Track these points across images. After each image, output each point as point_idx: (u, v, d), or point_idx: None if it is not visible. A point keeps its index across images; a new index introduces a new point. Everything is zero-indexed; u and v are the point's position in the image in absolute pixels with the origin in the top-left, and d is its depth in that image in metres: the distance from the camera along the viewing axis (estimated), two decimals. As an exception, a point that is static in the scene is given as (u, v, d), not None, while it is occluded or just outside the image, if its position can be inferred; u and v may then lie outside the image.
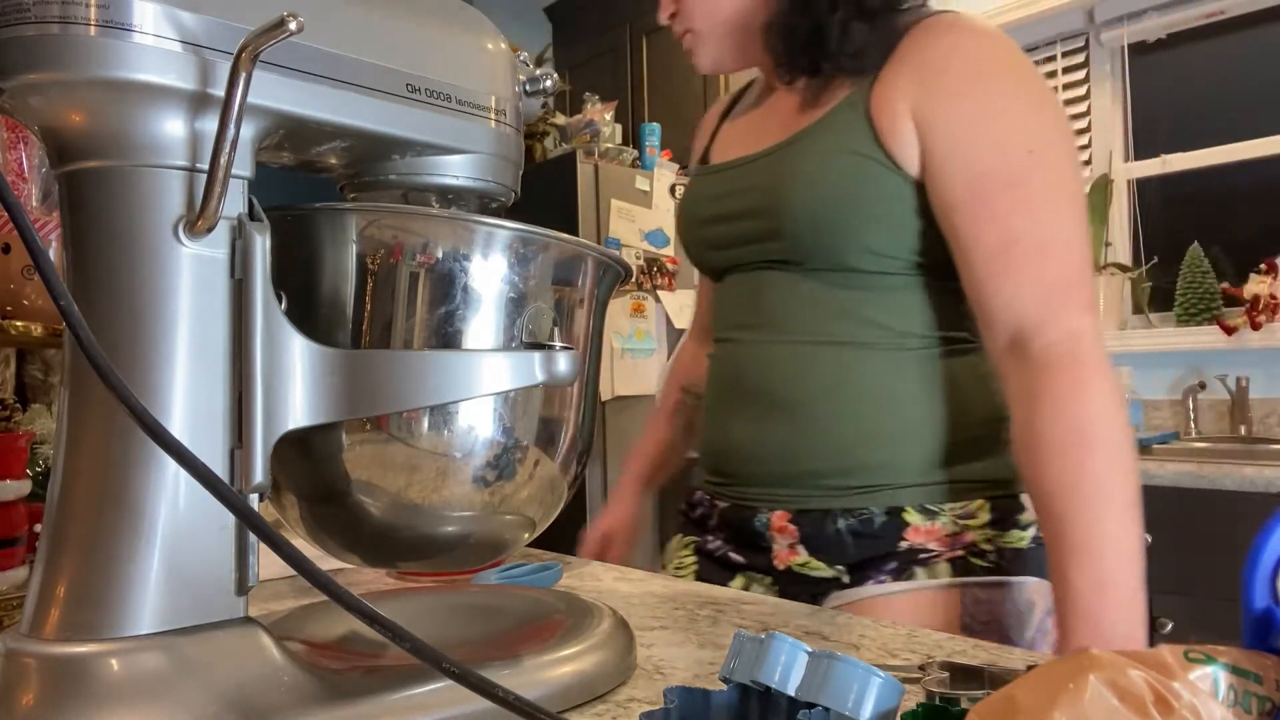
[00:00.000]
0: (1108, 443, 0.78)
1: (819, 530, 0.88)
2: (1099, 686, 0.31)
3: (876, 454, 0.87)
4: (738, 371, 0.94)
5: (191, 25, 0.44)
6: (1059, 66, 2.82)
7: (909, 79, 0.85)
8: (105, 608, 0.43)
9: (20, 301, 0.82)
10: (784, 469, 0.90)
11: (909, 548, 0.86)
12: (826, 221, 0.87)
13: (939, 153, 0.84)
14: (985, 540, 0.87)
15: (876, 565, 0.87)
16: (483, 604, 0.66)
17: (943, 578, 0.85)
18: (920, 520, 0.86)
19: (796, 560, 0.90)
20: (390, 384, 0.49)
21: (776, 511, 0.91)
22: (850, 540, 0.88)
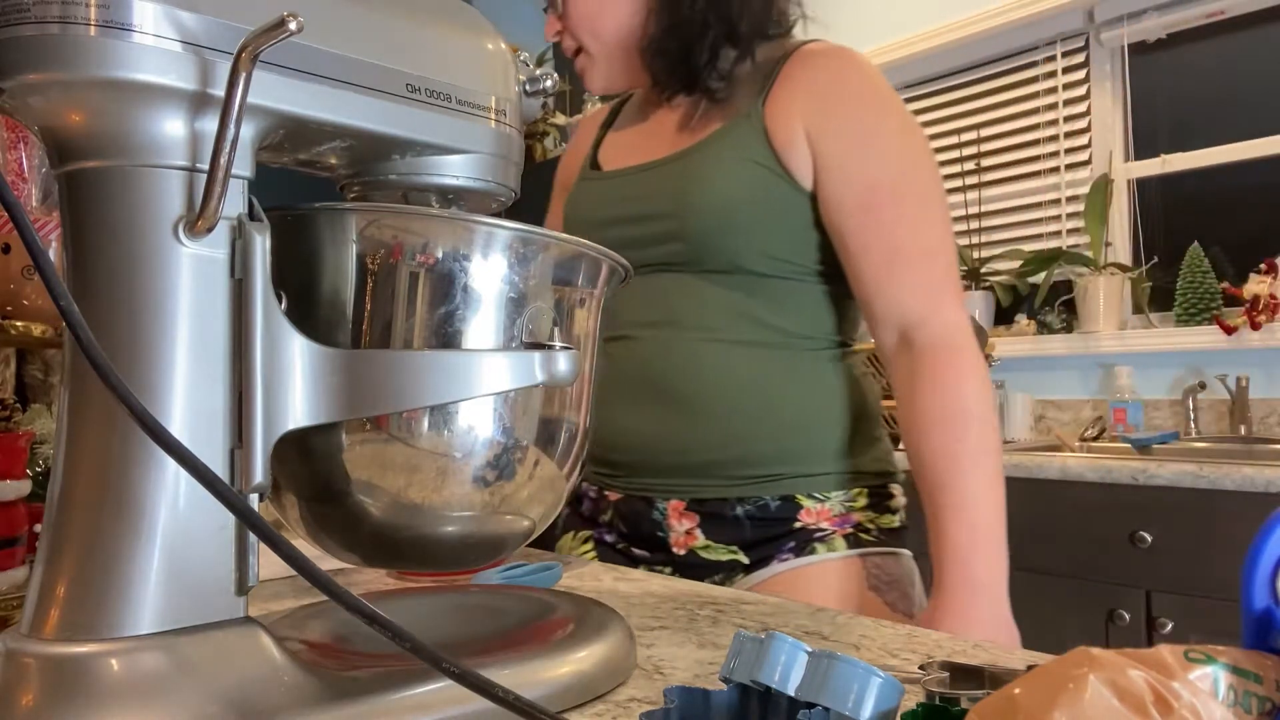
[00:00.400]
0: (980, 417, 0.91)
1: (719, 515, 0.97)
2: (1099, 686, 0.31)
3: (770, 447, 0.97)
4: (637, 367, 0.98)
5: (191, 25, 0.44)
6: (1059, 66, 2.82)
7: (803, 100, 0.95)
8: (105, 608, 0.43)
9: (20, 301, 0.82)
10: (682, 460, 0.97)
11: (803, 527, 0.97)
12: (728, 225, 0.95)
13: (831, 168, 0.94)
14: (868, 521, 0.99)
15: (776, 545, 0.97)
16: (483, 604, 0.66)
17: (841, 550, 0.97)
18: (811, 504, 0.98)
19: (696, 544, 0.99)
20: (390, 384, 0.49)
21: (673, 500, 0.99)
22: (748, 523, 0.97)
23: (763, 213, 0.95)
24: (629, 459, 1.00)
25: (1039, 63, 2.87)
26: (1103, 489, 2.02)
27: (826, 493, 0.98)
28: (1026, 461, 2.14)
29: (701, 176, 0.96)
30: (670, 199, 0.97)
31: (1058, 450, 2.43)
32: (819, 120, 0.94)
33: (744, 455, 0.97)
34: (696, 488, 0.98)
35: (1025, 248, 2.89)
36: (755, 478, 0.97)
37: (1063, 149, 2.83)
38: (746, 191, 0.95)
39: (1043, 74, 2.87)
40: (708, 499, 0.98)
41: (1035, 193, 2.89)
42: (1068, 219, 2.82)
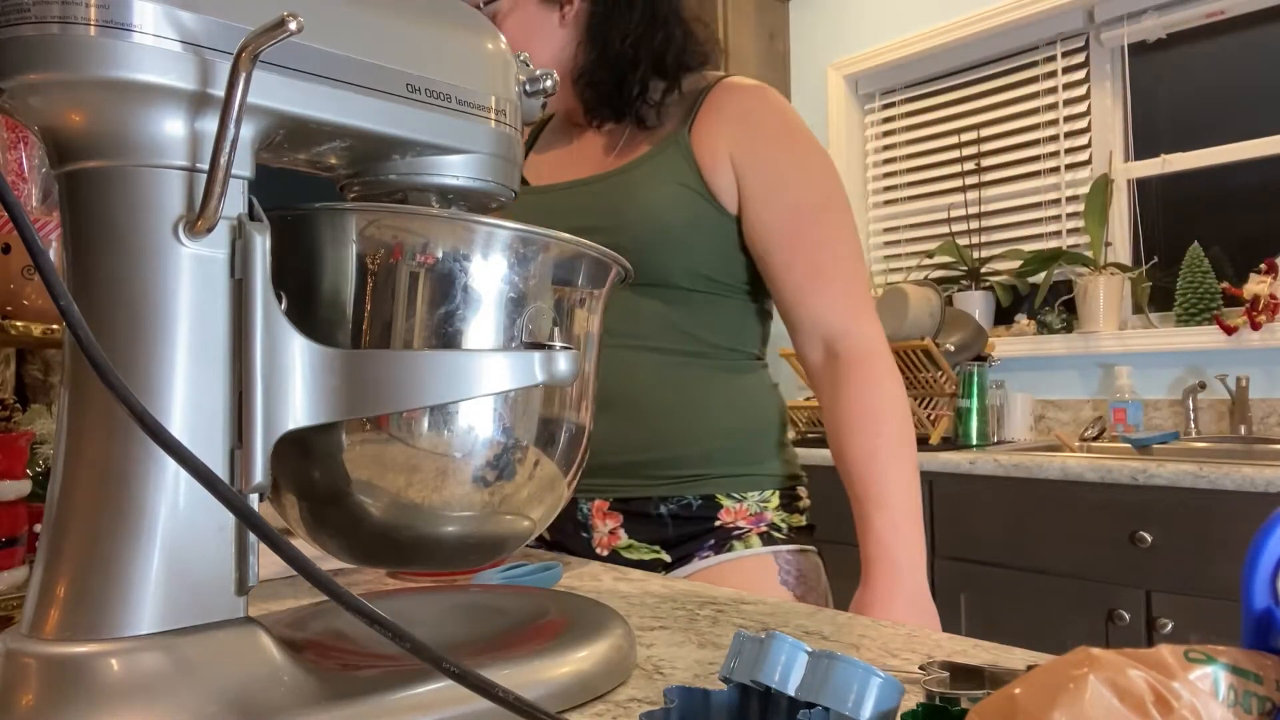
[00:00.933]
0: (896, 417, 1.00)
1: (642, 514, 1.04)
2: (1099, 686, 0.31)
3: (691, 449, 1.04)
4: None
5: (191, 25, 0.44)
6: (1059, 66, 2.83)
7: (729, 129, 1.03)
8: (105, 608, 0.43)
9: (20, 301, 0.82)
10: (607, 461, 1.02)
11: (721, 526, 1.04)
12: (659, 241, 1.02)
13: (757, 194, 1.03)
14: (780, 520, 1.07)
15: (697, 543, 1.04)
16: (483, 604, 0.66)
17: (756, 547, 1.04)
18: (730, 504, 1.05)
19: (619, 544, 1.05)
20: (390, 384, 0.49)
21: (597, 500, 1.05)
22: (670, 522, 1.04)
23: (691, 232, 1.03)
24: None
25: (1039, 63, 2.87)
26: (1103, 489, 2.02)
27: (744, 493, 1.06)
28: (1026, 461, 2.14)
29: (635, 194, 1.03)
30: (604, 214, 1.03)
31: (1058, 450, 2.43)
32: (744, 149, 1.03)
33: (668, 457, 1.03)
34: (621, 488, 1.04)
35: (1025, 248, 2.89)
36: (678, 478, 1.04)
37: (1063, 149, 2.83)
38: (676, 211, 1.02)
39: (1043, 74, 2.87)
40: (631, 499, 1.04)
41: (1035, 193, 2.89)
42: (1068, 219, 2.82)
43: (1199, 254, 2.50)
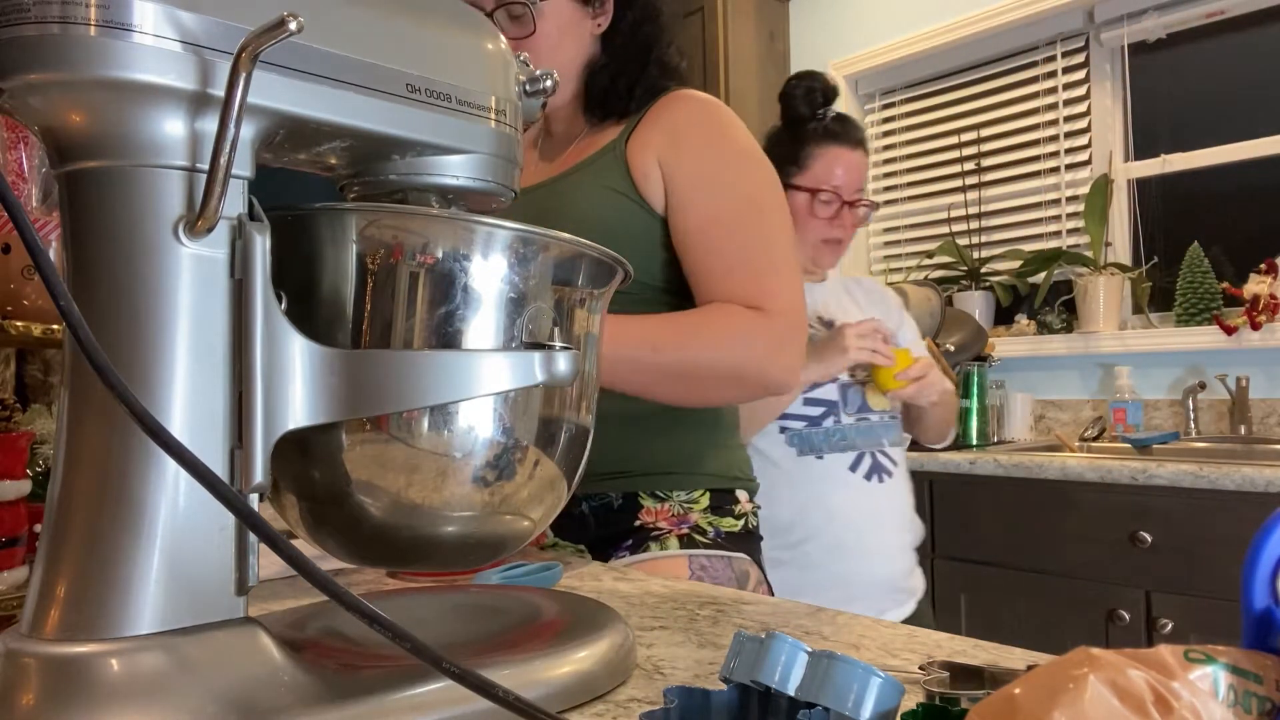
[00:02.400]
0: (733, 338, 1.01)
1: (566, 512, 1.04)
2: (1099, 686, 0.31)
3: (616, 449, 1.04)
4: None
5: (191, 25, 0.44)
6: (1059, 66, 2.82)
7: (659, 136, 1.06)
8: (105, 608, 0.43)
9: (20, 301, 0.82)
10: None
11: (641, 525, 1.06)
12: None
13: (680, 194, 1.05)
14: (706, 522, 1.08)
15: (615, 542, 1.06)
16: (483, 604, 0.66)
17: (672, 549, 1.06)
18: (652, 504, 1.07)
19: (545, 542, 1.08)
20: (390, 384, 0.49)
21: None
22: (592, 521, 1.07)
23: (619, 236, 1.03)
24: None
25: (1039, 63, 2.87)
26: (1102, 489, 2.02)
27: (668, 491, 1.07)
28: (1026, 461, 2.14)
29: (571, 199, 1.07)
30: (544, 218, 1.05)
31: (1058, 450, 2.43)
32: (670, 154, 1.06)
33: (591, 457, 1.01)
34: None
35: (1025, 248, 2.89)
36: (600, 475, 1.05)
37: (1063, 149, 2.83)
38: (604, 215, 1.05)
39: (1043, 74, 2.86)
40: None
41: (1035, 193, 2.89)
42: (1068, 219, 2.82)
43: (1199, 254, 2.50)
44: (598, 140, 1.12)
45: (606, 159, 1.08)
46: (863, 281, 1.87)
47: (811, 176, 1.67)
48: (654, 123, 1.08)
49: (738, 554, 1.08)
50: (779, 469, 1.55)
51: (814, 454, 1.56)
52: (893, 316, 1.77)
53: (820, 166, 1.68)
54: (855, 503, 1.54)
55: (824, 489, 1.54)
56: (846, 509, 1.53)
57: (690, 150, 1.05)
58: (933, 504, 2.28)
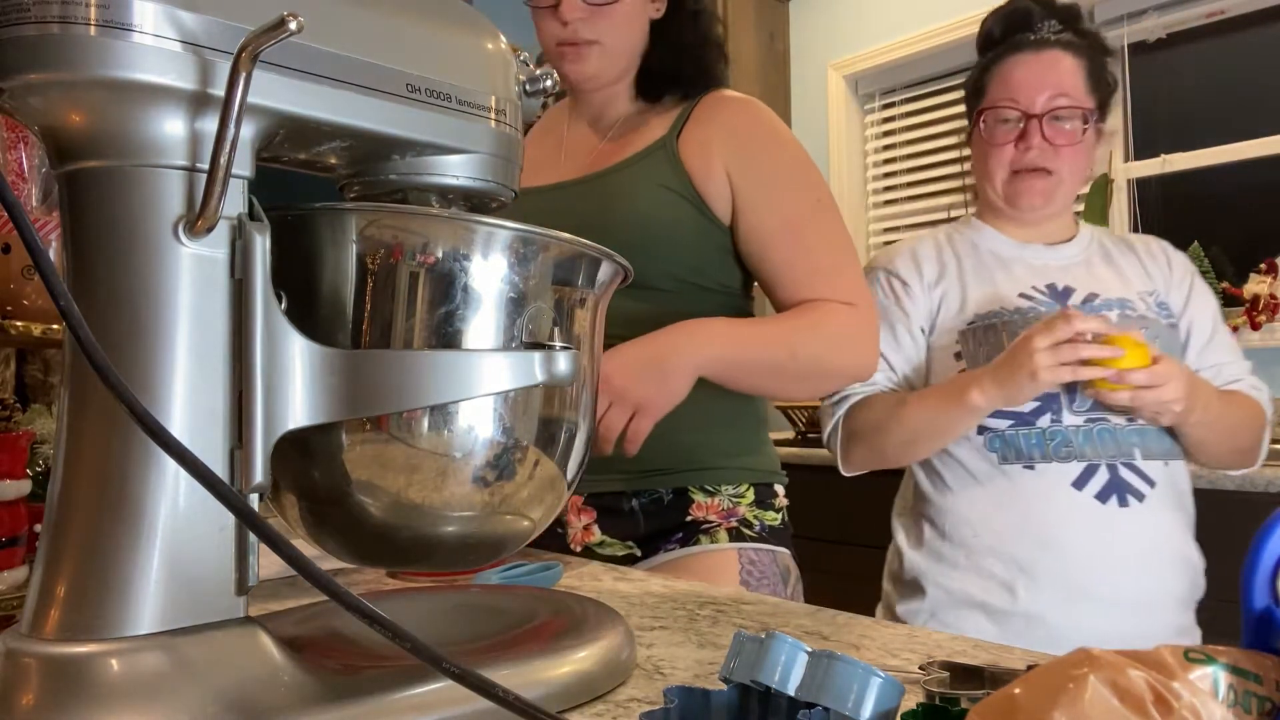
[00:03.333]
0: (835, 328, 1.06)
1: (615, 509, 1.06)
2: (1099, 686, 0.31)
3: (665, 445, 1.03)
4: None
5: (191, 25, 0.44)
6: (1059, 66, 2.82)
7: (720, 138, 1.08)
8: (105, 608, 0.43)
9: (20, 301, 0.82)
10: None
11: (693, 520, 1.06)
12: (642, 243, 1.04)
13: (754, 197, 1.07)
14: (752, 515, 1.09)
15: (665, 536, 1.06)
16: (483, 604, 0.66)
17: (723, 542, 1.06)
18: (702, 498, 1.07)
19: (592, 540, 1.07)
20: (390, 384, 0.49)
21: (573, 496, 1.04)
22: (642, 518, 1.07)
23: (673, 234, 1.07)
24: None
25: (1039, 63, 2.87)
26: (1103, 489, 2.01)
27: (717, 486, 1.08)
28: (1026, 461, 2.13)
29: (621, 195, 1.07)
30: (595, 215, 1.07)
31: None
32: (738, 161, 1.08)
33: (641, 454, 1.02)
34: (593, 483, 1.06)
35: (1025, 248, 2.89)
36: (649, 471, 1.06)
37: (1063, 149, 2.82)
38: (661, 214, 1.06)
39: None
40: (604, 494, 1.06)
41: (1035, 193, 2.89)
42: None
43: (1199, 254, 2.49)
44: (641, 134, 1.12)
45: (657, 156, 1.08)
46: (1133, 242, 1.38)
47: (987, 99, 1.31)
48: (708, 123, 1.09)
49: (780, 548, 1.11)
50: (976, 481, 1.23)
51: (1022, 462, 1.20)
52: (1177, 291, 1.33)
53: (995, 82, 1.31)
54: (1082, 531, 1.16)
55: (1036, 509, 1.18)
56: (1068, 540, 1.16)
57: (759, 153, 1.08)
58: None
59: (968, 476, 1.24)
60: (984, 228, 1.37)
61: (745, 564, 1.06)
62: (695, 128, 1.10)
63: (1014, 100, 1.28)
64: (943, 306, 1.34)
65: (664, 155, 1.08)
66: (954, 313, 1.32)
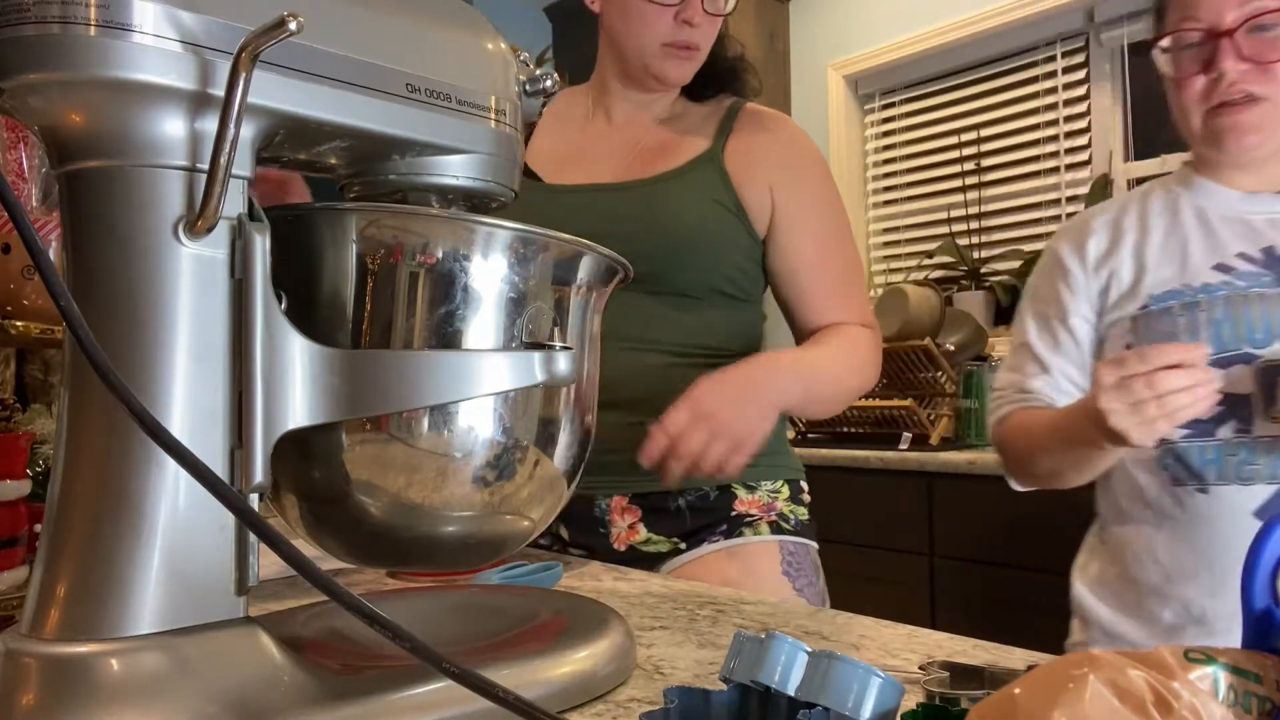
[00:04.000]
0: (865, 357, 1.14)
1: (662, 509, 1.08)
2: (1099, 686, 0.31)
3: None
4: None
5: (191, 25, 0.44)
6: (1059, 66, 2.82)
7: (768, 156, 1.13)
8: (105, 608, 0.43)
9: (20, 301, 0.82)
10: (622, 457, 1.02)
11: (736, 515, 1.10)
12: (687, 252, 1.09)
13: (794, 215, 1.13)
14: (789, 510, 1.13)
15: (709, 529, 1.09)
16: (483, 604, 0.66)
17: (764, 534, 1.10)
18: (745, 494, 1.11)
19: (637, 539, 1.09)
20: (390, 384, 0.49)
21: (616, 496, 1.08)
22: (689, 514, 1.09)
23: (718, 246, 1.11)
24: None
25: (1039, 63, 2.87)
26: (1103, 489, 2.01)
27: (757, 482, 1.12)
28: (1027, 461, 2.13)
29: (672, 205, 1.09)
30: (641, 221, 1.08)
31: (1058, 450, 2.42)
32: (783, 181, 1.13)
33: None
34: (640, 483, 1.08)
35: (1025, 248, 2.89)
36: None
37: (1063, 149, 2.83)
38: (709, 226, 1.10)
39: (1043, 74, 2.86)
40: (650, 493, 1.08)
41: (1035, 193, 2.89)
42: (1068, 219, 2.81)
43: (1199, 254, 2.49)
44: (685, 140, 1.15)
45: (706, 169, 1.12)
46: None
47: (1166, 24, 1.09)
48: (755, 139, 1.14)
49: (812, 542, 1.15)
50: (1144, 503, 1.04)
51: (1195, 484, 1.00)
52: None
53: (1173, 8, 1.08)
54: None
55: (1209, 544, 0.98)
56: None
57: (801, 173, 1.15)
58: (932, 504, 2.27)
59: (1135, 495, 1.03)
60: (1198, 180, 1.15)
61: (785, 555, 1.10)
62: (740, 141, 1.14)
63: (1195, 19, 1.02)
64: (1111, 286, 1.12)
65: (713, 168, 1.12)
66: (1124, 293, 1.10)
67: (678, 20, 1.09)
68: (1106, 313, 1.12)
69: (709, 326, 1.12)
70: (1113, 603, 1.11)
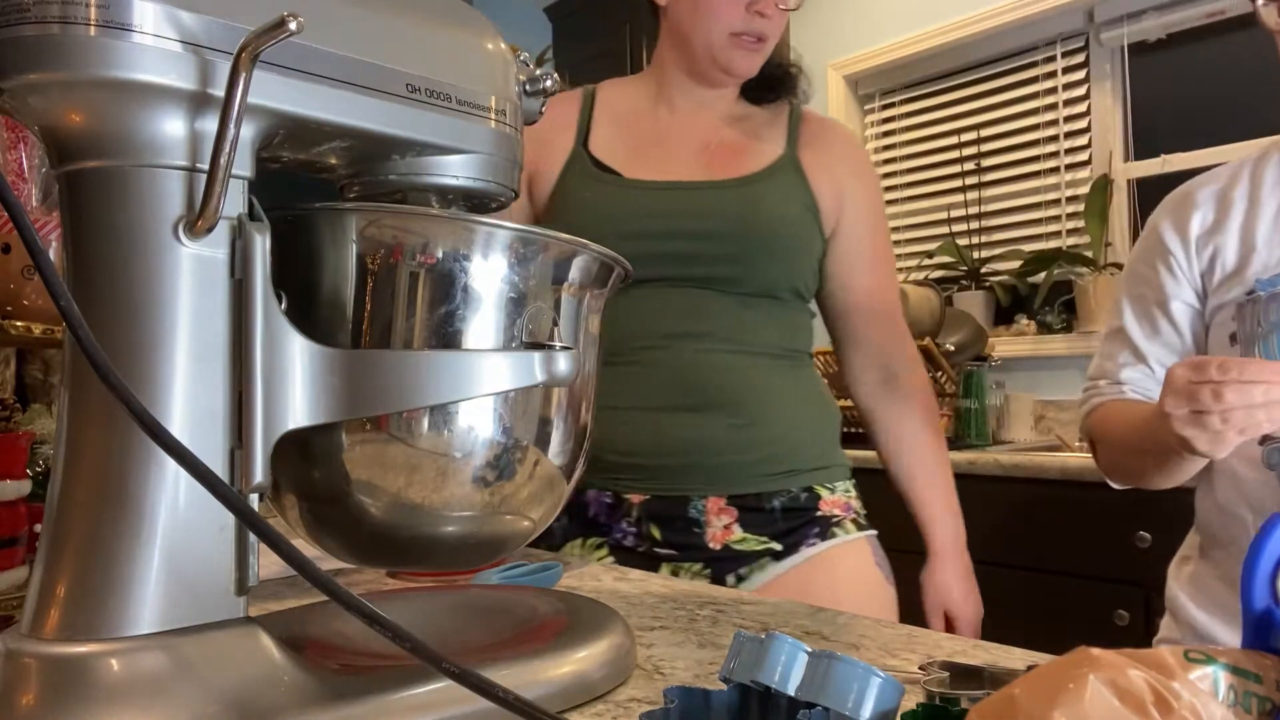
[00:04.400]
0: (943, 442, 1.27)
1: (757, 508, 1.11)
2: (1099, 686, 0.31)
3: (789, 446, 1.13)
4: (673, 376, 1.09)
5: (191, 25, 0.44)
6: (1059, 66, 2.82)
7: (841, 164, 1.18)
8: (105, 608, 0.43)
9: (20, 301, 0.82)
10: (721, 460, 1.09)
11: (823, 515, 1.13)
12: (778, 256, 1.13)
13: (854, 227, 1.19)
14: (859, 507, 1.18)
15: (801, 532, 1.12)
16: (483, 604, 0.66)
17: (853, 533, 1.14)
18: (826, 494, 1.15)
19: (732, 538, 1.11)
20: (390, 384, 0.49)
21: (711, 498, 1.10)
22: (780, 515, 1.12)
23: (798, 249, 1.15)
24: (663, 462, 1.10)
25: (1039, 63, 2.87)
26: (1103, 489, 2.00)
27: (835, 483, 1.16)
28: (1026, 462, 2.14)
29: (765, 207, 1.12)
30: (736, 221, 1.11)
31: (1058, 450, 2.42)
32: (853, 188, 1.18)
33: (773, 454, 1.12)
34: (734, 483, 1.11)
35: (1025, 248, 2.89)
36: (784, 473, 1.13)
37: (1063, 149, 2.83)
38: (798, 230, 1.14)
39: (1043, 74, 2.86)
40: (745, 494, 1.11)
41: (1035, 193, 2.89)
42: (1068, 219, 2.82)
43: (1199, 254, 2.49)
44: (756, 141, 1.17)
45: (789, 174, 1.15)
46: None
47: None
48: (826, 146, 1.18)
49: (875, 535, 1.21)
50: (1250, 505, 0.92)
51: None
52: None
53: None
54: None
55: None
56: None
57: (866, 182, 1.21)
58: (933, 504, 2.27)
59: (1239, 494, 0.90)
60: None
61: (873, 550, 1.16)
62: (812, 147, 1.17)
63: None
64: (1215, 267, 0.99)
65: (795, 173, 1.15)
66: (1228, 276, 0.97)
67: (749, 11, 1.10)
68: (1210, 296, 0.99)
69: (790, 327, 1.16)
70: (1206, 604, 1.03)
